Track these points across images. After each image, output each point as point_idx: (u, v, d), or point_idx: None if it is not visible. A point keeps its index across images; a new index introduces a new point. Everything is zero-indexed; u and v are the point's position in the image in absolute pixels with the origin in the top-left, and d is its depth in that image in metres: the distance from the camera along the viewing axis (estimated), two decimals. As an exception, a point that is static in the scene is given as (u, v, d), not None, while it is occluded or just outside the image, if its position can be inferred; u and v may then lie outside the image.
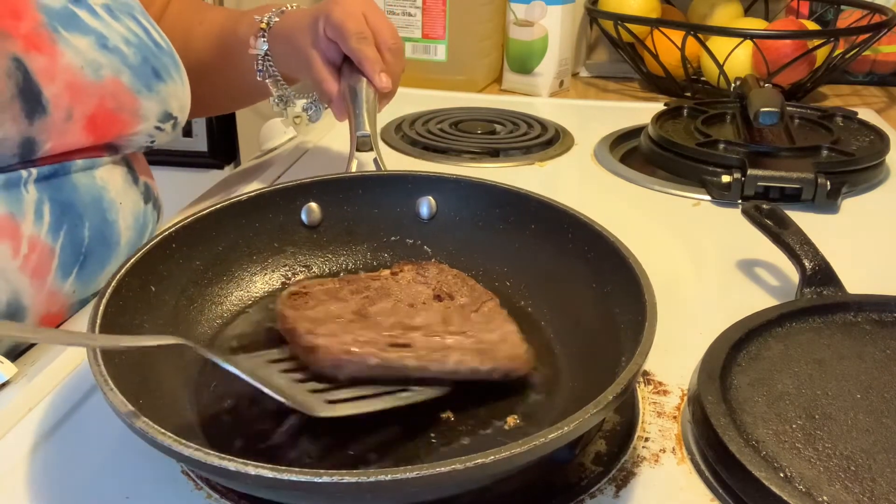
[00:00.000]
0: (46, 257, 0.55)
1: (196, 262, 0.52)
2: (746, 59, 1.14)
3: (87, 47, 0.56)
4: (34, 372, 0.51)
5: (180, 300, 0.50)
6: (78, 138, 0.56)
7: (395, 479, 0.33)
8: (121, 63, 0.58)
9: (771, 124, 0.85)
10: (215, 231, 0.54)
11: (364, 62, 0.69)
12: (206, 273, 0.53)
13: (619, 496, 0.42)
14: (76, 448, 0.45)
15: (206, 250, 0.53)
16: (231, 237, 0.55)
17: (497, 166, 0.92)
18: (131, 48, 0.60)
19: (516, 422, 0.44)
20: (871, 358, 0.50)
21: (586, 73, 1.39)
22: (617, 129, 1.01)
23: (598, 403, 0.37)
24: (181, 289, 0.51)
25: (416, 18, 1.21)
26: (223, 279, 0.54)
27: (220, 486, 0.41)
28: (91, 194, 0.58)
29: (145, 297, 0.48)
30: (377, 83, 0.69)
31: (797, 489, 0.39)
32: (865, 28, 1.12)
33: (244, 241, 0.56)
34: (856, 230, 0.76)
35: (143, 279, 0.48)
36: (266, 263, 0.57)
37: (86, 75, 0.56)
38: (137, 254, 0.48)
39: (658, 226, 0.77)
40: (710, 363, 0.48)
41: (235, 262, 0.55)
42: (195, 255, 0.52)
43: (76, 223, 0.57)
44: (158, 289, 0.49)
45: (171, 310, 0.49)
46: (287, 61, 0.76)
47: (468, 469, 0.33)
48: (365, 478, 0.33)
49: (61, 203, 0.56)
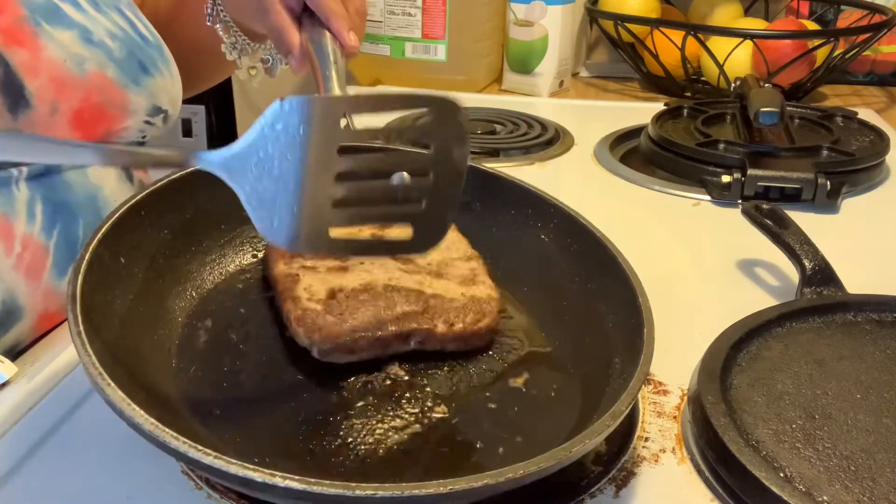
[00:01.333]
0: (40, 256, 0.54)
1: (164, 231, 0.51)
2: (746, 59, 1.14)
3: (70, 41, 0.56)
4: (34, 372, 0.51)
5: (149, 273, 0.49)
6: (65, 133, 0.56)
7: (430, 494, 0.33)
8: (106, 57, 0.58)
9: (771, 124, 0.85)
10: (184, 198, 0.53)
11: (332, 17, 0.62)
12: (174, 242, 0.52)
13: (619, 496, 0.42)
14: (76, 448, 0.45)
15: (174, 218, 0.52)
16: (199, 204, 0.53)
17: (497, 166, 0.91)
18: (116, 42, 0.59)
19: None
20: (871, 358, 0.50)
21: (586, 73, 1.39)
22: (617, 129, 1.01)
23: (614, 415, 0.38)
24: (150, 259, 0.50)
25: (416, 18, 1.21)
26: (191, 249, 0.53)
27: (219, 486, 0.41)
28: (85, 193, 0.58)
29: (115, 270, 0.47)
30: (345, 41, 0.62)
31: (797, 489, 0.39)
32: (865, 28, 1.12)
33: (213, 208, 0.54)
34: (856, 230, 0.76)
35: (112, 250, 0.47)
36: (234, 234, 0.56)
37: (69, 69, 0.55)
38: (107, 222, 0.47)
39: (658, 226, 0.77)
40: (710, 363, 0.48)
41: (204, 232, 0.54)
42: (163, 223, 0.51)
43: (70, 222, 0.56)
44: (128, 260, 0.48)
45: (141, 283, 0.48)
46: (240, 5, 0.67)
47: (499, 484, 0.34)
48: (399, 492, 0.33)
49: (54, 202, 0.56)
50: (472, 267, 0.53)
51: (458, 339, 0.49)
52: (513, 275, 0.56)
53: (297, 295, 0.49)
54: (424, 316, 0.49)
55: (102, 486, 0.42)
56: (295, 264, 0.51)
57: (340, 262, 0.52)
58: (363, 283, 0.50)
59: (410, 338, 0.48)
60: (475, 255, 0.54)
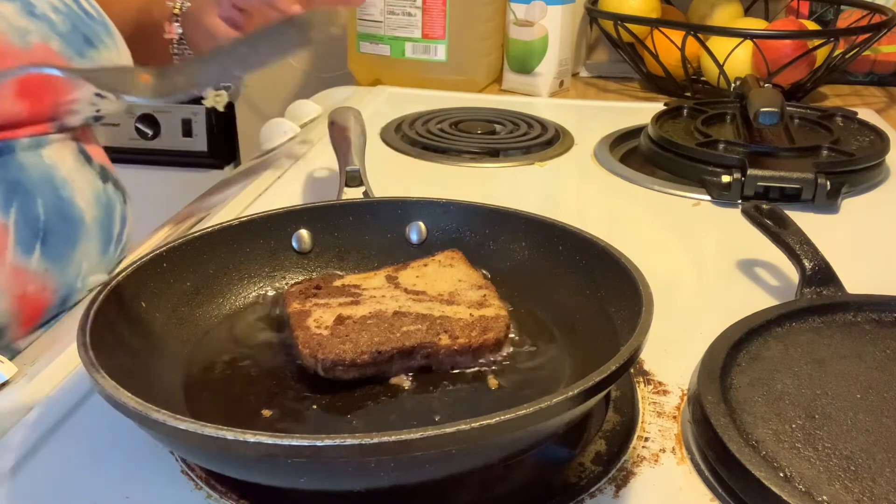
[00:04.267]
0: (0, 234, 0.55)
1: (187, 283, 0.53)
2: (746, 59, 1.14)
3: (11, 13, 0.57)
4: (34, 372, 0.51)
5: (171, 318, 0.50)
6: (13, 106, 0.56)
7: (400, 441, 0.33)
8: (49, 30, 0.59)
9: (771, 124, 0.85)
10: (206, 254, 0.54)
11: None
12: (196, 294, 0.53)
13: (618, 496, 0.42)
14: (76, 448, 0.45)
15: (197, 272, 0.54)
16: (222, 260, 0.55)
17: (497, 166, 0.92)
18: (60, 16, 0.60)
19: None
20: (871, 358, 0.50)
21: (586, 73, 1.39)
22: (617, 129, 1.01)
23: (619, 358, 0.38)
24: (172, 307, 0.51)
25: (416, 18, 1.21)
26: (216, 301, 0.54)
27: (219, 486, 0.41)
28: (39, 173, 0.59)
29: (135, 311, 0.48)
30: (287, 9, 0.70)
31: (797, 489, 0.39)
32: (865, 28, 1.12)
33: (235, 265, 0.56)
34: (856, 230, 0.76)
35: (133, 293, 0.48)
36: (258, 287, 0.57)
37: (10, 41, 0.56)
38: (128, 268, 0.49)
39: (658, 226, 0.77)
40: (710, 363, 0.48)
41: (227, 286, 0.55)
42: (186, 276, 0.53)
43: (27, 200, 0.57)
44: (149, 305, 0.49)
45: (162, 326, 0.49)
46: (198, 41, 0.78)
47: (474, 430, 0.33)
48: (368, 440, 0.33)
49: (8, 181, 0.56)
50: (484, 293, 0.53)
51: (463, 354, 0.48)
52: (526, 297, 0.55)
53: (307, 325, 0.49)
54: (429, 332, 0.48)
55: (102, 486, 0.42)
56: (308, 303, 0.52)
57: (353, 298, 0.52)
58: (372, 311, 0.50)
59: (415, 352, 0.47)
60: (487, 284, 0.54)
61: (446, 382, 0.47)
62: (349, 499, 0.41)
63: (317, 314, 0.50)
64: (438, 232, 0.60)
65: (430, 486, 0.40)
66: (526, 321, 0.53)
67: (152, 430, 0.37)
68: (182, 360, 0.48)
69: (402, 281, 0.55)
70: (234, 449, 0.34)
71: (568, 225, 0.55)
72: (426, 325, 0.49)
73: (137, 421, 0.37)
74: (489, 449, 0.37)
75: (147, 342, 0.47)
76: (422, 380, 0.47)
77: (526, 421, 0.35)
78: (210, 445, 0.35)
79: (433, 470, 0.37)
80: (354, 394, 0.46)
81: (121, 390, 0.37)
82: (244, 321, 0.54)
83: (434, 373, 0.48)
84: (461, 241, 0.59)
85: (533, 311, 0.54)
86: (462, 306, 0.51)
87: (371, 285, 0.54)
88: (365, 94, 1.19)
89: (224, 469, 0.39)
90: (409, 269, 0.56)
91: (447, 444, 0.34)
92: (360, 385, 0.46)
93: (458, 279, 0.54)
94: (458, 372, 0.48)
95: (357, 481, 0.37)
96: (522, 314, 0.54)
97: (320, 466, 0.35)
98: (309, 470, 0.36)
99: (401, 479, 0.36)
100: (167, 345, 0.49)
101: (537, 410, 0.35)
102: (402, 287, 0.54)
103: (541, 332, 0.52)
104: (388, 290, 0.53)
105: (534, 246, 0.56)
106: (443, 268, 0.56)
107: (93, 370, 0.38)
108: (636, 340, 0.40)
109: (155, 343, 0.48)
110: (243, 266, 0.56)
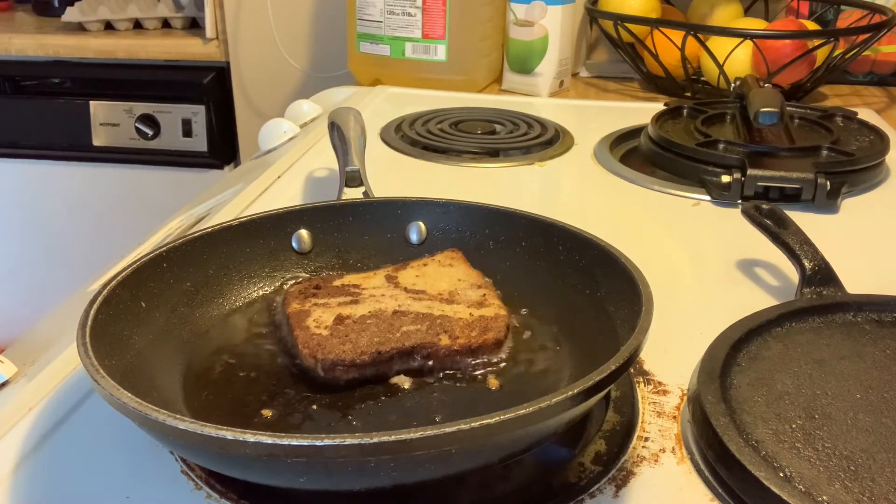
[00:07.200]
0: None
1: (187, 284, 0.53)
2: (746, 59, 1.14)
3: None
4: (34, 372, 0.51)
5: (171, 318, 0.50)
6: None
7: (400, 441, 0.33)
8: None
9: (771, 124, 0.85)
10: (206, 254, 0.54)
11: None
12: (196, 294, 0.53)
13: (618, 496, 0.42)
14: (76, 448, 0.45)
15: (197, 272, 0.54)
16: (222, 260, 0.55)
17: (497, 166, 0.92)
18: None
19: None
20: (871, 358, 0.50)
21: (586, 73, 1.39)
22: (617, 129, 1.01)
23: (619, 358, 0.38)
24: (171, 307, 0.51)
25: (416, 18, 1.21)
26: (216, 301, 0.54)
27: (219, 486, 0.41)
28: None
29: (135, 311, 0.48)
30: None
31: (797, 489, 0.39)
32: (865, 28, 1.12)
33: (235, 265, 0.56)
34: (856, 230, 0.76)
35: (133, 293, 0.48)
36: (258, 287, 0.57)
37: None
38: (128, 269, 0.49)
39: (658, 226, 0.77)
40: (710, 363, 0.48)
41: (227, 286, 0.55)
42: (186, 276, 0.53)
43: None
44: (149, 305, 0.49)
45: (162, 326, 0.49)
46: None
47: (473, 430, 0.33)
48: (368, 440, 0.33)
49: None
50: (483, 293, 0.53)
51: (463, 354, 0.48)
52: (525, 297, 0.55)
53: (307, 325, 0.49)
54: (429, 331, 0.48)
55: (102, 486, 0.42)
56: (308, 303, 0.52)
57: (352, 297, 0.52)
58: (371, 310, 0.51)
59: (414, 353, 0.47)
60: (486, 283, 0.55)
61: (446, 382, 0.47)
62: (349, 499, 0.41)
63: (316, 314, 0.50)
64: (438, 232, 0.60)
65: (430, 486, 0.40)
66: (526, 321, 0.53)
67: (152, 430, 0.37)
68: (182, 361, 0.48)
69: (401, 280, 0.55)
70: (234, 449, 0.34)
71: (568, 225, 0.55)
72: (426, 325, 0.49)
73: (137, 421, 0.37)
74: (489, 449, 0.37)
75: (147, 342, 0.47)
76: (421, 380, 0.47)
77: (526, 421, 0.35)
78: (210, 445, 0.35)
79: (433, 470, 0.36)
80: (354, 394, 0.46)
81: (121, 390, 0.37)
82: (244, 321, 0.54)
83: (434, 373, 0.48)
84: (461, 241, 0.59)
85: (533, 310, 0.54)
86: (462, 306, 0.51)
87: (371, 285, 0.54)
88: (365, 94, 1.19)
89: (224, 469, 0.39)
90: (408, 269, 0.56)
91: (447, 443, 0.34)
92: (360, 385, 0.46)
93: (457, 279, 0.55)
94: (458, 372, 0.48)
95: (357, 481, 0.37)
96: (522, 314, 0.54)
97: (320, 466, 0.35)
98: (309, 470, 0.36)
99: (401, 479, 0.36)
100: (167, 345, 0.49)
101: (537, 410, 0.35)
102: (401, 286, 0.54)
103: (541, 331, 0.52)
104: (387, 289, 0.53)
105: (533, 246, 0.57)
106: (442, 267, 0.56)
107: (93, 370, 0.38)
108: (636, 340, 0.40)
109: (155, 343, 0.48)
110: (243, 266, 0.56)
